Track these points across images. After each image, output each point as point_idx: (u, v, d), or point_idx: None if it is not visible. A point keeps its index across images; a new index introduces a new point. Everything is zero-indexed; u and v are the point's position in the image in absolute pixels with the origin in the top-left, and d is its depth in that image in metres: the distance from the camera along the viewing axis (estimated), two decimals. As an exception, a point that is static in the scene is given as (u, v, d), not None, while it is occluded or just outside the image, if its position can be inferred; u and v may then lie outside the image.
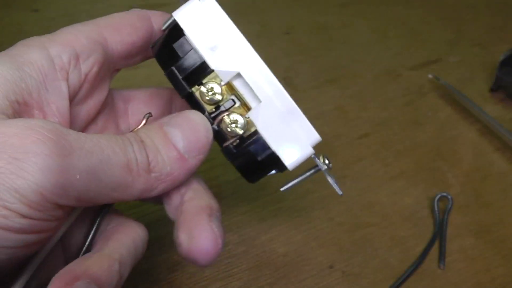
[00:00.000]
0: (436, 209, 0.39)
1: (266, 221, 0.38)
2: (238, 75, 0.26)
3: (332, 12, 0.62)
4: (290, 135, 0.26)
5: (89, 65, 0.26)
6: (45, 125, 0.20)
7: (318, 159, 0.27)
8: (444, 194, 0.40)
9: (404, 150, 0.45)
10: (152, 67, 0.30)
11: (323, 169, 0.27)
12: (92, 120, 0.29)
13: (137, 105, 0.31)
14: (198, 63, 0.26)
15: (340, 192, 0.28)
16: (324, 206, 0.39)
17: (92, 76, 0.26)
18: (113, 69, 0.29)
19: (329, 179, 0.27)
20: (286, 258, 0.36)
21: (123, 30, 0.27)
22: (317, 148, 0.26)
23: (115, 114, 0.31)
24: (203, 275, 0.34)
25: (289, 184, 0.28)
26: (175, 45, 0.26)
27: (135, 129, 0.26)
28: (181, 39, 0.26)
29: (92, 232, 0.26)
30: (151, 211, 0.37)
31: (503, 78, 0.51)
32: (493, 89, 0.52)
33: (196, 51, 0.26)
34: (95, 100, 0.28)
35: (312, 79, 0.52)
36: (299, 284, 0.35)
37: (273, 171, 0.28)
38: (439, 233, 0.38)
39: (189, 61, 0.26)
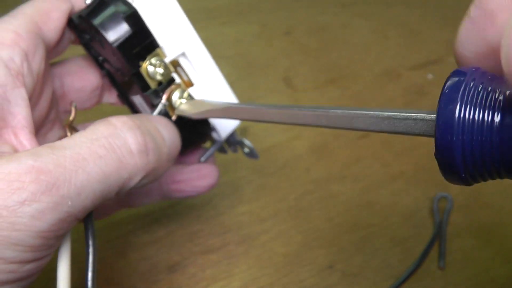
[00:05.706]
0: (436, 209, 0.39)
1: (266, 221, 0.38)
2: (183, 53, 0.27)
3: (332, 12, 0.62)
4: None
5: (37, 63, 0.24)
6: (17, 168, 0.19)
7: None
8: (444, 194, 0.40)
9: (404, 150, 0.45)
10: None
11: (238, 138, 0.31)
12: (44, 119, 0.27)
13: (71, 82, 0.29)
14: (149, 39, 0.25)
15: (257, 156, 0.32)
16: (324, 206, 0.39)
17: (41, 74, 0.24)
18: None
19: (246, 142, 0.31)
20: (286, 258, 0.36)
21: (52, 15, 0.25)
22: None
23: (56, 99, 0.28)
24: (203, 276, 0.34)
25: (207, 154, 0.32)
26: (126, 18, 0.25)
27: (70, 122, 0.26)
28: (133, 11, 0.25)
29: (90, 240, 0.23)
30: (151, 211, 0.37)
31: (503, 78, 0.51)
32: (493, 89, 0.52)
33: (145, 27, 0.25)
34: (46, 98, 0.26)
35: (312, 79, 0.52)
36: (299, 284, 0.35)
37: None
38: (439, 234, 0.38)
39: (141, 36, 0.25)
